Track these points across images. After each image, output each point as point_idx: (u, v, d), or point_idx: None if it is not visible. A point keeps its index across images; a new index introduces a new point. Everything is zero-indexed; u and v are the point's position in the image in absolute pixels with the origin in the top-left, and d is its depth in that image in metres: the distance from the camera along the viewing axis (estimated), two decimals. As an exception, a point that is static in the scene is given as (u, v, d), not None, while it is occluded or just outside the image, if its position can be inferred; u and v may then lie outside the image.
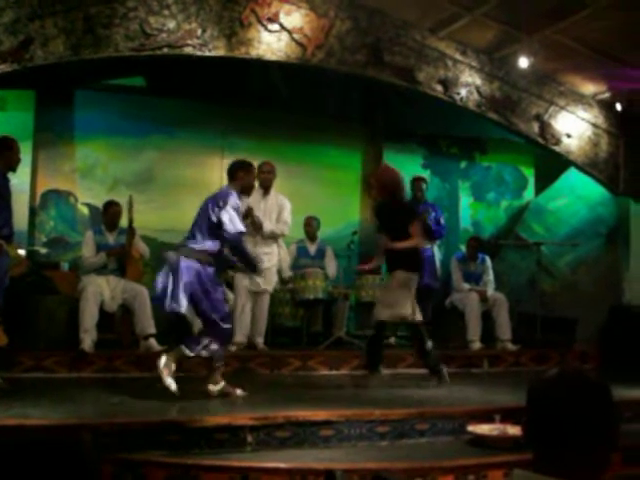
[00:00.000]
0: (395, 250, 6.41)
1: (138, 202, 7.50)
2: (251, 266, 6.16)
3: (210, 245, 5.73)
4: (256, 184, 6.98)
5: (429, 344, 6.44)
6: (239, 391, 5.72)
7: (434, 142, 11.03)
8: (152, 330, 7.21)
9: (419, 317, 6.42)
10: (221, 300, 5.82)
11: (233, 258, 5.97)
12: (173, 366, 5.60)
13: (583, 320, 8.82)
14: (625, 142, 9.56)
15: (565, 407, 1.69)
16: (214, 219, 5.70)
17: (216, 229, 5.71)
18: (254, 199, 7.34)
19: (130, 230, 7.42)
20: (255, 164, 6.45)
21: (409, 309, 6.35)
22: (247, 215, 6.95)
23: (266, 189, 7.67)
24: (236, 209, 5.76)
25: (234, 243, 5.77)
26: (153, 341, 7.17)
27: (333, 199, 9.71)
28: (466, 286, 8.74)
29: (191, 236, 5.81)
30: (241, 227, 5.77)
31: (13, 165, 5.95)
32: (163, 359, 5.59)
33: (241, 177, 5.95)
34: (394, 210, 6.53)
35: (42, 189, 9.06)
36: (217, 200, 5.79)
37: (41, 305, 7.15)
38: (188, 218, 8.53)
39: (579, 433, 1.67)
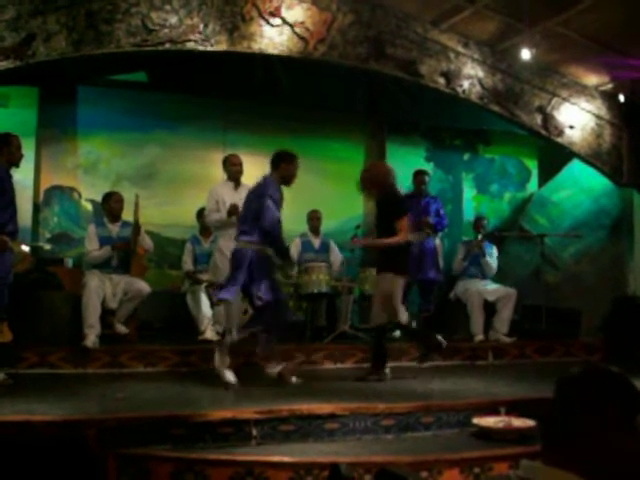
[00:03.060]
0: (382, 248, 6.45)
1: (140, 197, 7.50)
2: (283, 255, 6.31)
3: (259, 236, 5.98)
4: (225, 176, 7.48)
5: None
6: (229, 376, 5.86)
7: (437, 134, 11.02)
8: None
9: (403, 318, 6.52)
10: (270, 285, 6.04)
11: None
12: (227, 359, 5.90)
13: (587, 311, 8.79)
14: (628, 133, 9.54)
15: (589, 404, 1.70)
16: (258, 209, 5.97)
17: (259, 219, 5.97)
18: (226, 192, 7.32)
19: (136, 228, 7.40)
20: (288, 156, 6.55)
21: (383, 316, 6.44)
22: (232, 212, 6.95)
23: (237, 181, 7.46)
24: (273, 198, 5.98)
25: (269, 230, 5.96)
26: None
27: (336, 192, 9.70)
28: (464, 263, 8.77)
29: (241, 231, 6.09)
30: (277, 215, 5.99)
31: (14, 161, 5.94)
32: (217, 355, 5.95)
33: (283, 168, 6.20)
34: (385, 205, 6.52)
35: (45, 185, 9.08)
36: (257, 191, 6.09)
37: (45, 301, 7.15)
38: (190, 213, 8.63)
39: (601, 429, 1.68)
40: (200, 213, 8.46)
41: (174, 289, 8.67)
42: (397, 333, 7.96)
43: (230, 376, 5.82)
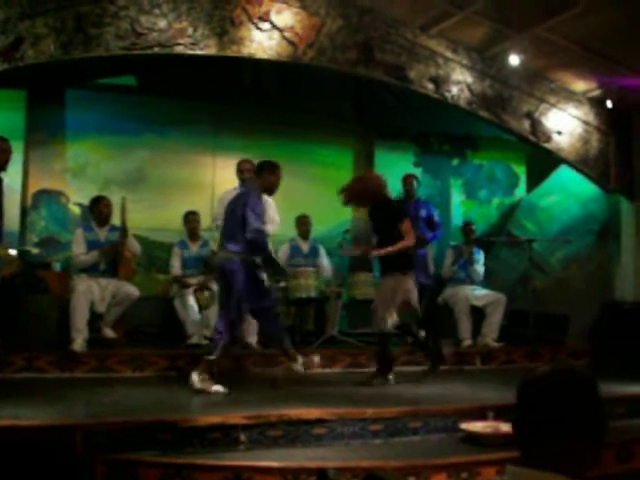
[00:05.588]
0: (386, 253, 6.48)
1: (129, 201, 7.48)
2: (272, 264, 6.32)
3: (244, 246, 5.95)
4: (237, 183, 7.40)
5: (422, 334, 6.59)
6: (216, 387, 5.78)
7: (426, 140, 11.04)
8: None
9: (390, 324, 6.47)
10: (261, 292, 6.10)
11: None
12: (207, 376, 5.78)
13: (575, 316, 8.82)
14: (615, 139, 9.57)
15: (553, 403, 1.71)
16: (241, 219, 5.94)
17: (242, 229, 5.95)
18: None
19: (123, 231, 7.39)
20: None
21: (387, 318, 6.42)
22: None
23: None
24: (255, 207, 5.96)
25: (254, 241, 5.94)
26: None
27: (325, 197, 9.68)
28: (453, 268, 8.76)
29: (227, 241, 6.06)
30: (259, 225, 5.94)
31: (1, 164, 5.92)
32: (194, 376, 5.77)
33: (265, 177, 6.19)
34: (383, 211, 6.56)
35: (34, 189, 9.04)
36: (240, 200, 6.06)
37: (33, 305, 7.13)
38: (179, 217, 8.60)
39: (567, 428, 1.69)
40: (186, 217, 8.42)
41: (162, 293, 8.65)
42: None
43: (218, 388, 5.79)
